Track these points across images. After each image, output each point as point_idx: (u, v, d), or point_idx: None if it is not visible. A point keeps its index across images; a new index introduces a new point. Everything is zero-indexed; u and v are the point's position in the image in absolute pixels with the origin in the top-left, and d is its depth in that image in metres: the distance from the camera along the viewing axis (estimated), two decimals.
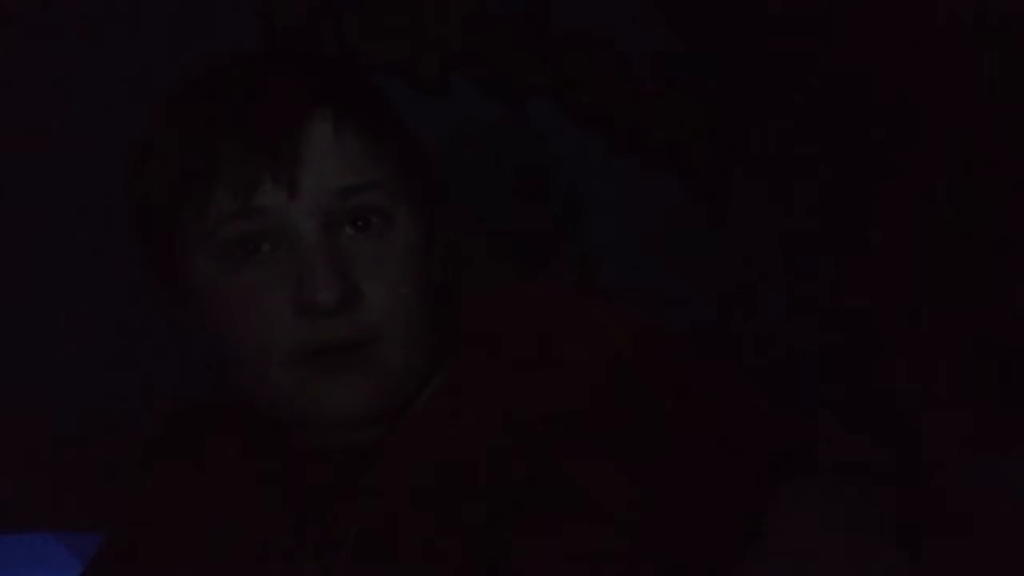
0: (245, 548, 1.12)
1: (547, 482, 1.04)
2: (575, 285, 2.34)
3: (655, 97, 2.52)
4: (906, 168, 2.66)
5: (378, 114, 1.10)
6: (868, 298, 2.65)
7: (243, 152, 1.04)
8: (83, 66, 1.93)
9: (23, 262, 1.89)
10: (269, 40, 2.13)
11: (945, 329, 2.65)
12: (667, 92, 2.53)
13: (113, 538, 1.19)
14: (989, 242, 2.64)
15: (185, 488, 1.16)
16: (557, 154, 2.41)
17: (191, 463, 1.17)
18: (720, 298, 2.53)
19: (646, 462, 1.05)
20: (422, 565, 1.05)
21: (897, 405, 2.60)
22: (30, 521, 1.70)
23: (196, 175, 1.05)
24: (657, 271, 2.47)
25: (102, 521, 1.22)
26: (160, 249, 1.10)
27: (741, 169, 2.59)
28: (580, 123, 2.44)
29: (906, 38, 2.61)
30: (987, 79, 2.58)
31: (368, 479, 1.09)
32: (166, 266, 1.10)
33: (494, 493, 1.05)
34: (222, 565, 1.12)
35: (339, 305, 1.04)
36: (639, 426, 1.06)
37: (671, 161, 2.53)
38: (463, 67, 2.33)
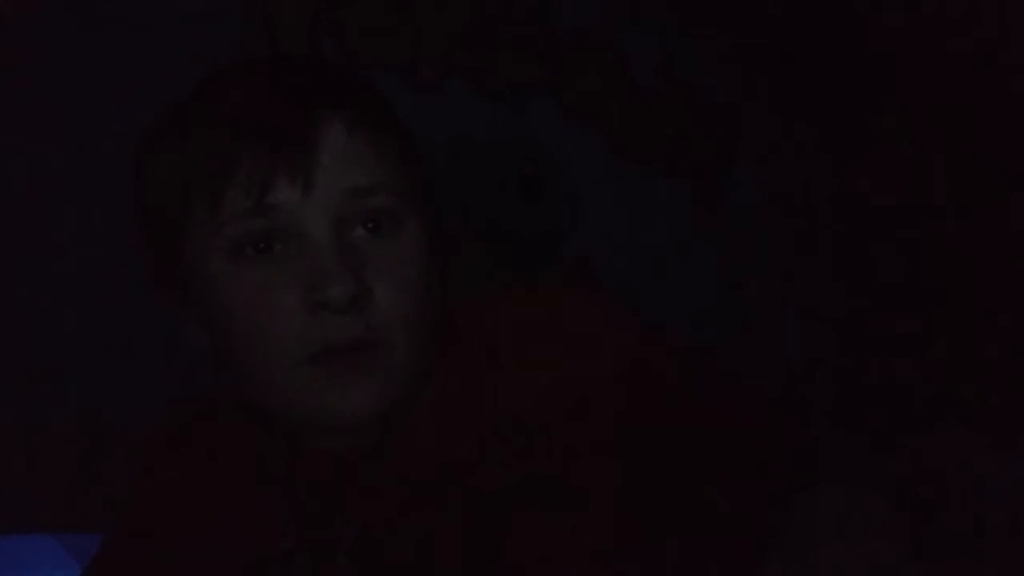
0: (245, 549, 1.12)
1: (543, 481, 1.05)
2: (575, 285, 2.34)
3: (655, 97, 2.52)
4: (906, 167, 2.67)
5: (387, 120, 1.11)
6: (868, 299, 2.65)
7: (262, 150, 1.05)
8: (82, 68, 1.93)
9: (23, 262, 1.89)
10: (271, 40, 2.13)
11: (946, 328, 2.65)
12: (667, 92, 2.53)
13: (113, 538, 1.19)
14: (990, 238, 2.64)
15: (185, 488, 1.17)
16: (557, 154, 2.41)
17: (191, 463, 1.18)
18: (720, 298, 2.53)
19: (643, 462, 1.05)
20: (421, 565, 1.06)
21: (899, 406, 2.60)
22: (30, 521, 1.69)
23: (214, 172, 1.05)
24: (657, 271, 2.47)
25: (102, 521, 1.22)
26: (166, 249, 1.10)
27: (741, 168, 2.59)
28: (580, 123, 2.44)
29: (908, 36, 2.61)
30: (992, 76, 2.58)
31: (368, 479, 1.09)
32: (170, 266, 1.10)
33: (491, 492, 1.05)
34: (222, 566, 1.13)
35: (351, 302, 1.04)
36: (636, 426, 1.06)
37: (671, 161, 2.53)
38: (462, 67, 2.33)
